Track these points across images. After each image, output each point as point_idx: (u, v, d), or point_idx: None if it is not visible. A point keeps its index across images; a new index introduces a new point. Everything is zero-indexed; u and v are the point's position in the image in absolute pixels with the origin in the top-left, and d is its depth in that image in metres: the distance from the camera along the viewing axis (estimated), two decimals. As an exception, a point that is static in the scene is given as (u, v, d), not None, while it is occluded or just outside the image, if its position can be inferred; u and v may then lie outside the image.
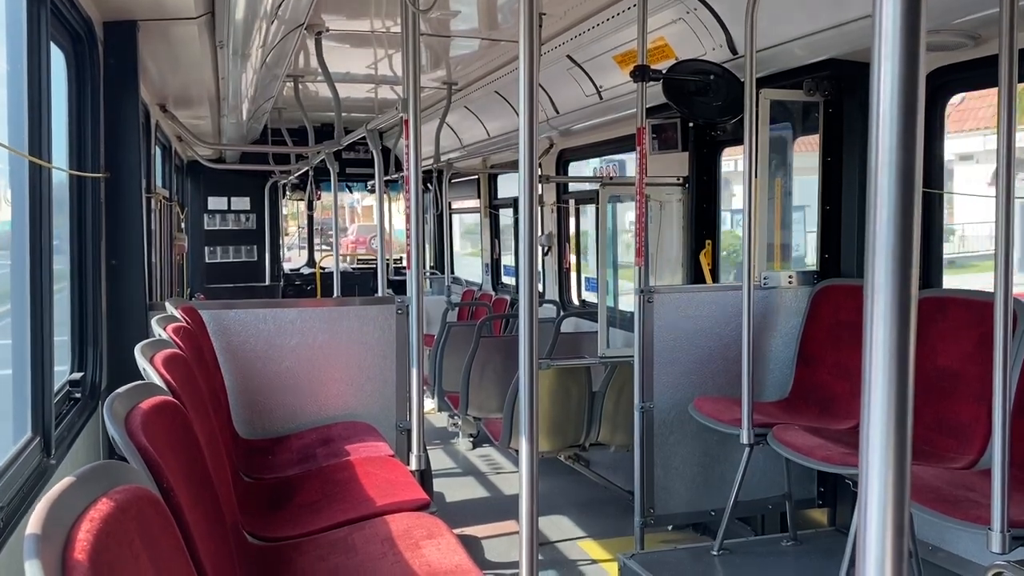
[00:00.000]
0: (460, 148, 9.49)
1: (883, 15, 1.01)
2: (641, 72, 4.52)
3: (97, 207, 4.23)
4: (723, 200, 6.25)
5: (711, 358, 4.91)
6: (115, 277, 4.36)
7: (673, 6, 4.75)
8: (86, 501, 1.40)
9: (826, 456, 3.76)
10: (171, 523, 1.73)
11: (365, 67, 7.27)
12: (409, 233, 4.38)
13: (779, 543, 4.76)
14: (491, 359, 7.04)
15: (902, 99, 1.01)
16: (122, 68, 4.39)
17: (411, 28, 3.98)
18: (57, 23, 3.62)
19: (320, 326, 4.57)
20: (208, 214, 12.09)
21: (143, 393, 2.18)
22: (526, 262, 2.21)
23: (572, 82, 6.38)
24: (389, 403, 4.65)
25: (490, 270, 10.84)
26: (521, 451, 2.21)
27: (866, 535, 1.05)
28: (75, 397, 4.00)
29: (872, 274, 1.03)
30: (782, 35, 4.41)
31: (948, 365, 3.90)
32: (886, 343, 1.04)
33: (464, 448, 7.72)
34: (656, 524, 4.91)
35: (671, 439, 4.89)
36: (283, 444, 4.32)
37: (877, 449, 1.05)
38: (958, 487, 3.32)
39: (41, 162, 3.05)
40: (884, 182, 1.02)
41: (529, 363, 2.18)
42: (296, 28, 5.05)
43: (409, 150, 4.08)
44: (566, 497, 6.26)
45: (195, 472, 2.29)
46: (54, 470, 3.07)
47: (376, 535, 2.91)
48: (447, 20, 5.73)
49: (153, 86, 6.30)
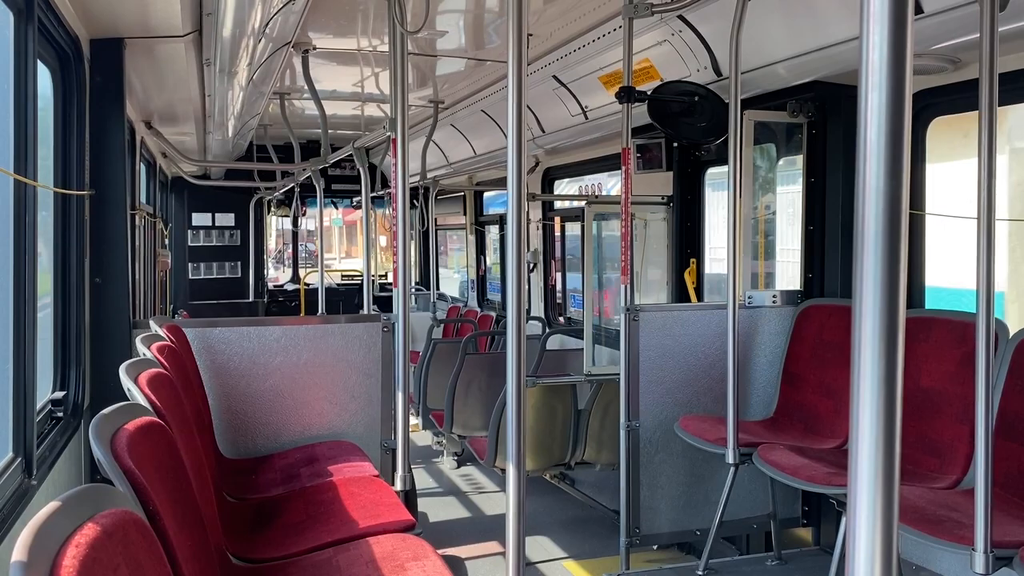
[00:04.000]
0: (446, 165, 9.52)
1: (870, 44, 1.03)
2: (626, 93, 4.56)
3: (81, 224, 4.21)
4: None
5: (696, 377, 4.92)
6: (99, 295, 4.33)
7: (658, 28, 4.79)
8: (72, 526, 1.38)
9: (811, 476, 3.77)
10: (157, 547, 1.71)
11: (352, 85, 7.28)
12: (396, 250, 4.38)
13: (764, 562, 4.77)
14: (476, 376, 7.02)
15: (889, 126, 1.03)
16: (108, 85, 4.38)
17: (399, 48, 4.00)
18: (43, 40, 3.62)
19: (305, 344, 4.55)
20: (192, 230, 12.04)
21: (128, 414, 2.16)
22: (514, 279, 2.22)
23: (558, 102, 6.42)
24: (374, 422, 4.62)
25: (476, 286, 10.85)
26: (508, 471, 2.20)
27: (855, 554, 1.06)
28: (57, 416, 3.96)
29: (860, 297, 1.05)
30: (766, 57, 4.46)
31: (931, 385, 3.93)
32: (874, 364, 1.05)
33: (448, 467, 7.68)
34: (641, 544, 4.90)
35: (657, 458, 4.89)
36: (267, 464, 4.28)
37: (865, 469, 1.06)
38: (941, 507, 3.34)
39: (26, 180, 3.04)
40: (871, 207, 1.04)
41: (516, 383, 2.18)
42: (283, 46, 5.06)
43: (397, 169, 4.09)
44: (551, 516, 6.23)
45: (181, 494, 2.27)
46: (35, 491, 3.03)
47: (361, 557, 2.88)
48: (434, 40, 5.76)
49: (139, 103, 6.29)
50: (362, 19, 5.28)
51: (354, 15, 5.18)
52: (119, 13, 4.10)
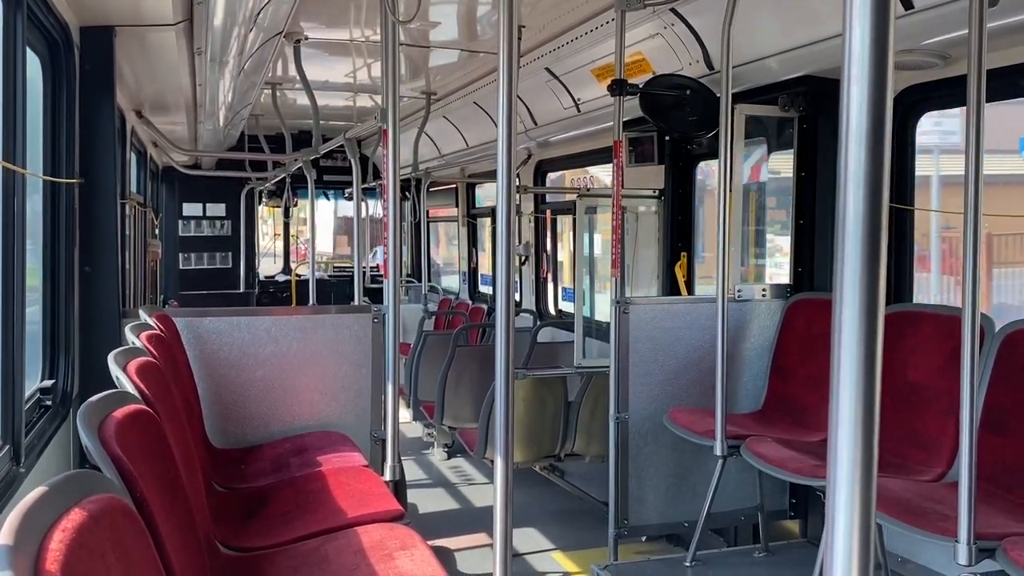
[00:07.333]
0: (439, 157, 9.51)
1: (852, 37, 1.04)
2: (618, 86, 4.56)
3: (71, 213, 4.20)
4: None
5: (686, 369, 4.94)
6: (88, 284, 4.32)
7: (651, 21, 4.80)
8: (59, 511, 1.39)
9: (798, 468, 3.80)
10: (144, 534, 1.72)
11: (344, 76, 7.27)
12: (387, 242, 4.38)
13: (751, 554, 4.80)
14: (467, 368, 7.03)
15: (870, 117, 1.04)
16: (98, 74, 4.36)
17: (391, 38, 3.99)
18: (33, 28, 3.60)
19: (295, 335, 4.55)
20: (183, 220, 12.00)
21: (116, 402, 2.17)
22: (503, 272, 2.22)
23: (550, 94, 6.42)
24: (364, 413, 4.63)
25: (467, 279, 10.85)
26: (496, 462, 2.21)
27: (833, 545, 1.07)
28: (45, 405, 3.95)
29: (840, 289, 1.06)
30: (758, 51, 4.47)
31: (918, 379, 3.96)
32: (853, 357, 1.06)
33: (439, 459, 7.70)
34: (630, 535, 4.92)
35: (646, 450, 4.91)
36: (256, 454, 4.29)
37: (844, 461, 1.07)
38: (926, 499, 3.37)
39: (15, 168, 3.03)
40: (851, 199, 1.05)
41: (505, 375, 2.19)
42: (275, 36, 5.04)
43: (388, 160, 4.09)
44: (540, 508, 6.26)
45: (168, 482, 2.27)
46: (23, 478, 3.03)
47: (349, 546, 2.90)
48: (427, 31, 5.75)
49: (129, 92, 6.27)
50: (354, 9, 5.27)
51: (346, 4, 5.18)
52: (110, 1, 4.08)
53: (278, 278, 13.24)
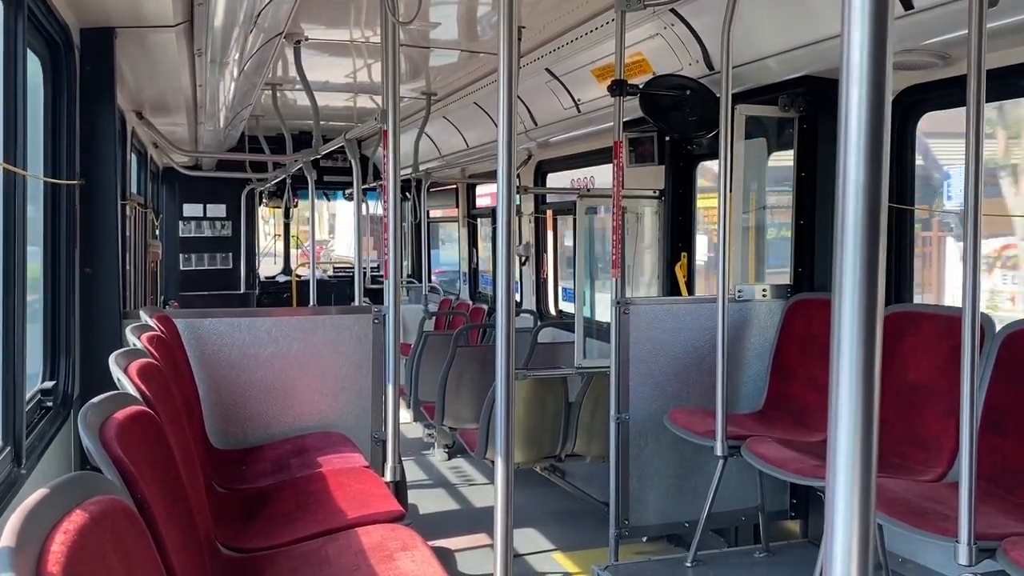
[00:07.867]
0: (439, 158, 9.51)
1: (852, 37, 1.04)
2: (618, 87, 4.56)
3: (71, 215, 4.20)
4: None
5: (686, 369, 4.94)
6: (89, 285, 4.32)
7: (651, 21, 4.80)
8: (60, 512, 1.39)
9: (798, 468, 3.80)
10: (145, 535, 1.72)
11: (344, 76, 7.27)
12: (387, 242, 4.39)
13: (752, 555, 4.79)
14: (468, 369, 7.03)
15: (870, 117, 1.04)
16: (99, 75, 4.37)
17: (391, 38, 4.00)
18: (34, 30, 3.60)
19: (295, 335, 4.55)
20: (183, 221, 12.00)
21: (117, 403, 2.17)
22: (503, 272, 2.22)
23: (550, 95, 6.42)
24: (364, 413, 4.63)
25: (468, 279, 10.85)
26: (497, 463, 2.21)
27: (833, 546, 1.07)
28: (47, 406, 3.96)
29: (840, 289, 1.06)
30: (758, 51, 4.47)
31: (918, 379, 3.96)
32: (853, 357, 1.06)
33: (439, 459, 7.69)
34: (631, 535, 4.92)
35: (647, 450, 4.91)
36: (257, 454, 4.29)
37: (844, 461, 1.07)
38: (927, 499, 3.37)
39: (16, 169, 3.03)
40: (851, 199, 1.05)
41: (506, 375, 2.19)
42: (275, 37, 5.05)
43: (388, 161, 4.09)
44: (541, 508, 6.25)
45: (169, 483, 2.27)
46: (25, 480, 3.03)
47: (350, 547, 2.90)
48: (427, 31, 5.75)
49: (130, 93, 6.27)
50: (354, 9, 5.27)
51: (346, 5, 5.18)
52: (110, 2, 4.08)
53: (278, 279, 13.24)
